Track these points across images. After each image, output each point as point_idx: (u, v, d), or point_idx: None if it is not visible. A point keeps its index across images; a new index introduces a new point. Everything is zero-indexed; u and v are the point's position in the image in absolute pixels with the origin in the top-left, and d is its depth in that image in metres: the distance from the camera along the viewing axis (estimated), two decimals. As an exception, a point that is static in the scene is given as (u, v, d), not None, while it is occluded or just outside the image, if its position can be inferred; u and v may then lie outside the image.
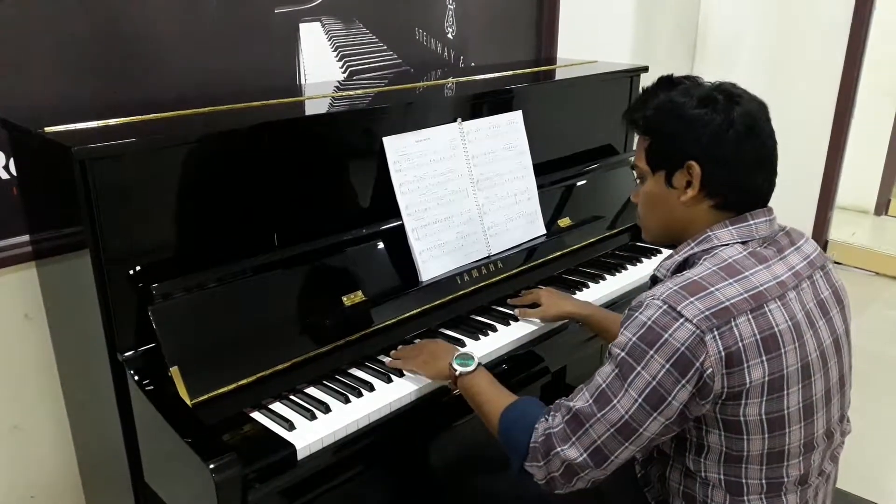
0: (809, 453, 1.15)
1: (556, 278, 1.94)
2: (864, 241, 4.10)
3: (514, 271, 1.84)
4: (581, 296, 1.83)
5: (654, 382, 1.06)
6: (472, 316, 1.73)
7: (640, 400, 1.07)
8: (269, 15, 1.84)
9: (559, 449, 1.14)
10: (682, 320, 1.05)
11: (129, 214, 1.29)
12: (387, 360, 1.53)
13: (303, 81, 1.96)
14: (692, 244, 1.19)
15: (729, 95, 1.16)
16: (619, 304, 1.88)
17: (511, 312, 1.74)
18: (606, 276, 1.95)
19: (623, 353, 1.09)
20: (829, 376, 1.15)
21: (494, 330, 1.66)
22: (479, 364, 1.38)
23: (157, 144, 1.34)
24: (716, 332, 1.04)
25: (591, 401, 1.12)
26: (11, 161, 1.51)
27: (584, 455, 1.12)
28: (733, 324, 1.05)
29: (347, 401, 1.38)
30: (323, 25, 1.97)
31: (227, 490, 1.14)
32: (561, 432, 1.14)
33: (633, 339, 1.08)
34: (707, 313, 1.05)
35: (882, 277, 3.87)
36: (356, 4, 2.02)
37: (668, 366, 1.05)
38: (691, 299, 1.06)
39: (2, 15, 1.44)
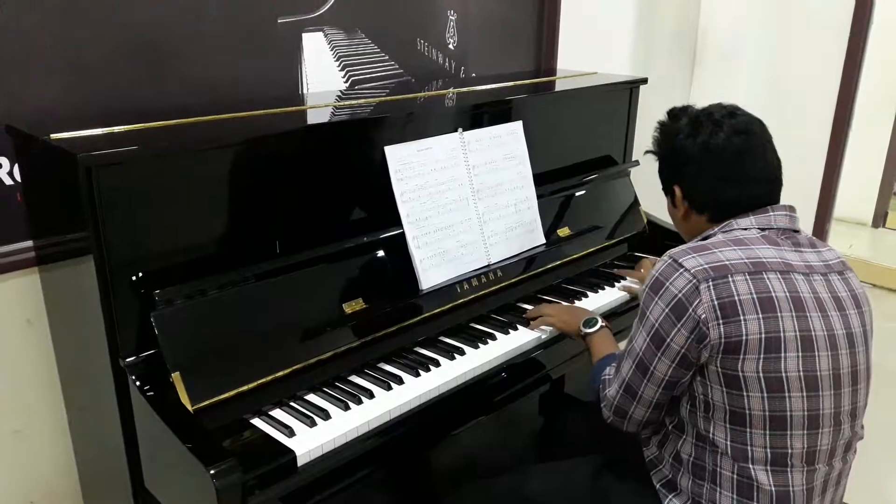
0: (815, 431, 1.19)
1: (555, 287, 1.95)
2: (862, 253, 4.11)
3: (513, 280, 1.85)
4: (580, 305, 1.84)
5: (656, 325, 1.21)
6: (472, 324, 1.74)
7: (648, 339, 1.23)
8: (272, 25, 1.86)
9: (606, 390, 1.35)
10: (681, 270, 1.19)
11: (133, 221, 1.30)
12: (388, 368, 1.54)
13: (305, 90, 1.98)
14: (715, 228, 1.31)
15: (696, 122, 1.32)
16: (619, 313, 1.89)
17: (509, 321, 1.74)
18: (605, 285, 1.96)
19: (641, 302, 1.27)
20: (838, 362, 1.19)
21: (494, 338, 1.67)
22: (601, 326, 1.60)
23: (163, 152, 1.35)
24: (710, 283, 1.16)
25: (625, 345, 1.32)
26: (16, 167, 1.52)
27: (620, 391, 1.30)
28: (730, 279, 1.17)
29: (347, 408, 1.39)
30: (325, 35, 1.98)
31: (227, 496, 1.14)
32: (609, 377, 1.36)
33: (646, 289, 1.25)
34: (705, 266, 1.18)
35: (880, 289, 3.88)
36: (359, 15, 2.04)
37: (667, 310, 1.20)
38: (693, 255, 1.21)
39: (6, 22, 1.46)
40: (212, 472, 1.13)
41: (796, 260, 1.22)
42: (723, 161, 1.29)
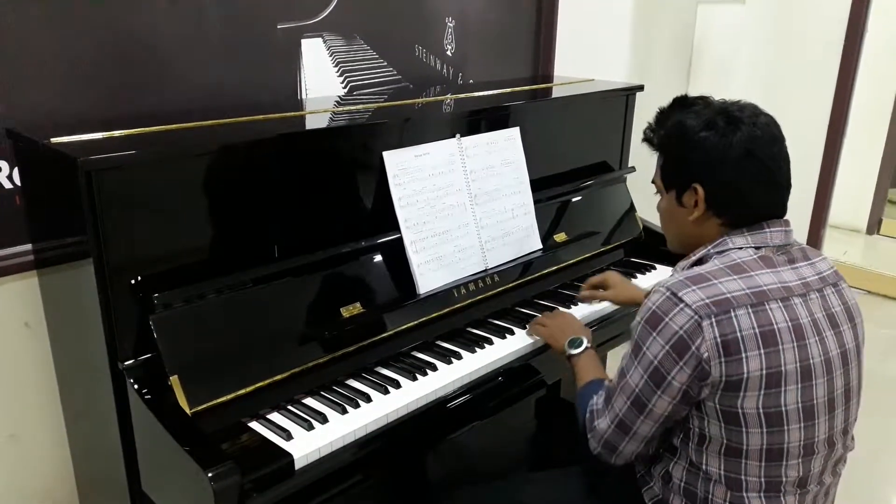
0: (809, 457, 1.17)
1: (551, 292, 1.96)
2: (856, 260, 4.13)
3: (510, 285, 1.86)
4: (576, 310, 1.85)
5: (655, 362, 1.15)
6: (469, 329, 1.74)
7: (646, 377, 1.17)
8: (271, 30, 1.87)
9: (595, 423, 1.28)
10: (681, 306, 1.12)
11: (133, 225, 1.31)
12: (385, 372, 1.55)
13: (304, 96, 1.99)
14: (709, 246, 1.25)
15: (731, 119, 1.21)
16: (614, 319, 1.90)
17: (506, 325, 1.75)
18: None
19: (635, 336, 1.19)
20: (833, 385, 1.18)
21: (491, 343, 1.68)
22: (587, 347, 1.52)
23: (162, 156, 1.36)
24: (713, 319, 1.11)
25: (616, 378, 1.25)
26: (15, 171, 1.53)
27: (612, 426, 1.24)
28: (732, 314, 1.11)
29: (345, 411, 1.39)
30: (325, 41, 1.99)
31: (225, 498, 1.15)
32: (598, 409, 1.29)
33: (642, 322, 1.17)
34: (707, 301, 1.12)
35: (874, 296, 3.90)
36: (358, 21, 2.05)
37: (667, 347, 1.13)
38: (693, 287, 1.14)
39: (7, 27, 1.46)
40: (210, 474, 1.13)
41: (793, 280, 1.18)
42: (763, 163, 1.19)
